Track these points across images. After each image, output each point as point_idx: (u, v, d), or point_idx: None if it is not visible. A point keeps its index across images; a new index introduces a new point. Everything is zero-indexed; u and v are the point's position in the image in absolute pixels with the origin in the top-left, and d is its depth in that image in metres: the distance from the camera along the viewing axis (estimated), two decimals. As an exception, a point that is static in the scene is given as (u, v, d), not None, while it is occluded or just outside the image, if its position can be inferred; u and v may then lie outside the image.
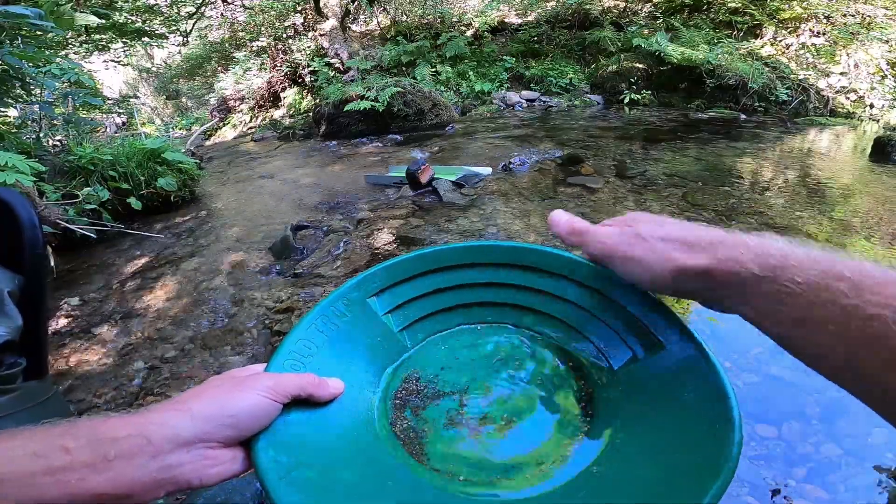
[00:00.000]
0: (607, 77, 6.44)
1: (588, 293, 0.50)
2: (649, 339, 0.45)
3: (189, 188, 3.24)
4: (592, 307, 0.50)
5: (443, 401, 0.47)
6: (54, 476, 0.32)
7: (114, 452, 0.33)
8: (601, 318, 0.49)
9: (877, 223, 2.25)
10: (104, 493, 0.33)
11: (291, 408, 0.41)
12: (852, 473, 0.99)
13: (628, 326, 0.47)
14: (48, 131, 3.00)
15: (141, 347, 1.58)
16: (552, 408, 0.45)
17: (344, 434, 0.43)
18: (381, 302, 0.54)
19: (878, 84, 5.29)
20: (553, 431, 0.43)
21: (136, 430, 0.34)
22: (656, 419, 0.40)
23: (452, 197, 2.69)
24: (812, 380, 1.24)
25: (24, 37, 2.41)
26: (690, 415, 0.38)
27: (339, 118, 5.29)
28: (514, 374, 0.49)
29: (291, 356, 0.46)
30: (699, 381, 0.39)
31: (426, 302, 0.55)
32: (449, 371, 0.50)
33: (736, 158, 3.46)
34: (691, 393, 0.39)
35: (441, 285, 0.55)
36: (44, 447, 0.32)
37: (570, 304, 0.51)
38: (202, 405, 0.37)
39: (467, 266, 0.56)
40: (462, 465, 0.41)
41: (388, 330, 0.53)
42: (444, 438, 0.44)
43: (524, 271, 0.54)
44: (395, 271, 0.55)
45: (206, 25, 9.66)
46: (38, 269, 0.67)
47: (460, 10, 8.22)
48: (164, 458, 0.34)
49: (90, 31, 5.97)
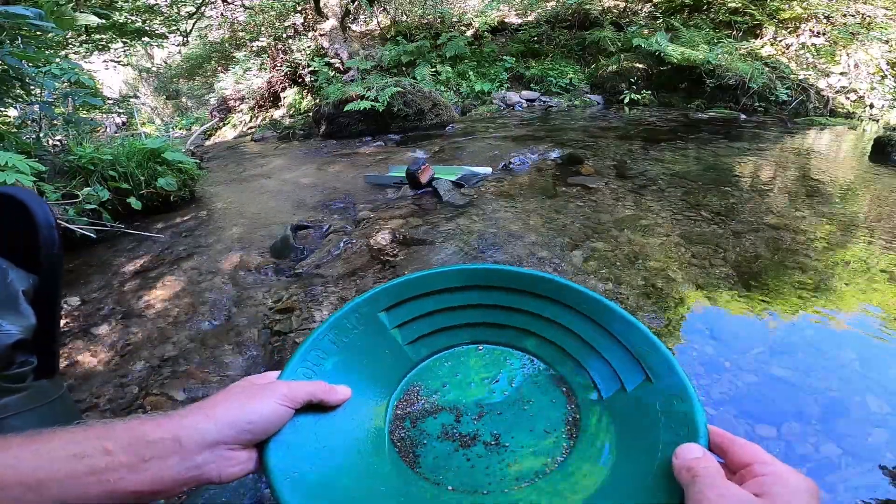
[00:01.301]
0: (607, 77, 6.44)
1: (589, 324, 0.54)
2: (639, 373, 0.48)
3: (189, 188, 3.24)
4: (591, 338, 0.53)
5: (440, 415, 0.51)
6: (97, 476, 0.35)
7: (149, 454, 0.37)
8: (597, 350, 0.52)
9: (877, 223, 2.25)
10: (140, 491, 0.36)
11: (301, 413, 0.45)
12: (852, 473, 0.99)
13: (621, 359, 0.50)
14: (48, 131, 3.00)
15: (141, 347, 1.58)
16: (539, 429, 0.49)
17: (346, 439, 0.46)
18: (390, 317, 0.57)
19: (878, 84, 5.29)
20: (537, 451, 0.46)
21: (169, 434, 0.38)
22: (631, 449, 0.43)
23: (452, 197, 2.69)
24: (812, 380, 1.24)
25: (24, 37, 2.41)
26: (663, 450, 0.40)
27: (339, 118, 5.29)
28: (508, 394, 0.52)
29: (304, 364, 0.50)
30: (678, 419, 0.42)
31: (434, 319, 0.59)
32: (449, 387, 0.54)
33: (736, 158, 3.46)
34: (667, 431, 0.41)
35: (449, 304, 0.59)
36: (85, 449, 0.36)
37: (571, 332, 0.55)
38: (224, 411, 0.41)
39: (475, 288, 0.59)
40: (451, 476, 0.45)
41: (395, 344, 0.56)
42: (436, 450, 0.47)
43: (530, 297, 0.58)
44: (407, 289, 0.59)
45: (206, 25, 9.66)
46: (53, 269, 0.68)
47: (460, 10, 8.22)
48: (193, 459, 0.38)
49: (90, 31, 5.97)
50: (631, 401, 0.47)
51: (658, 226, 2.21)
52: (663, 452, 0.39)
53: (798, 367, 1.29)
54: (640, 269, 1.83)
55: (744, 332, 1.46)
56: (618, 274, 1.79)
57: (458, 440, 0.48)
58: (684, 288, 1.69)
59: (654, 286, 1.70)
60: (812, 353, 1.35)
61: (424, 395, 0.53)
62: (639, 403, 0.46)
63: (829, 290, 1.67)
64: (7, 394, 0.59)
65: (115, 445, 0.36)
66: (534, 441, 0.47)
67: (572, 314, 0.55)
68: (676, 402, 0.43)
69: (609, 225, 2.23)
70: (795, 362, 1.31)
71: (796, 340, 1.41)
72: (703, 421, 0.40)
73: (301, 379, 0.47)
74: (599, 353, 0.52)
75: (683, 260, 1.89)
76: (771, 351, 1.35)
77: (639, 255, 1.92)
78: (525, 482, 0.43)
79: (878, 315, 1.53)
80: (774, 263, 1.86)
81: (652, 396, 0.45)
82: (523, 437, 0.48)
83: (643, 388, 0.47)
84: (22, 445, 0.35)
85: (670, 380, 0.45)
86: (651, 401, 0.45)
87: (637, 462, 0.41)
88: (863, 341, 1.41)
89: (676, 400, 0.43)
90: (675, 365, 0.46)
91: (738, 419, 1.11)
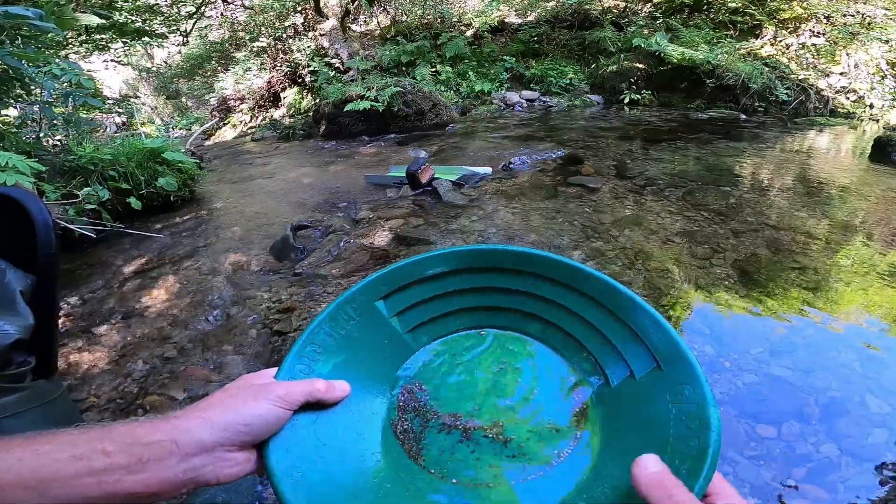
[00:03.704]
0: (607, 77, 6.44)
1: (594, 306, 0.50)
2: (647, 358, 0.45)
3: (189, 188, 3.24)
4: (597, 321, 0.50)
5: (444, 405, 0.49)
6: (96, 477, 0.36)
7: (147, 455, 0.37)
8: (604, 334, 0.49)
9: (876, 223, 2.25)
10: (138, 492, 0.37)
11: (300, 411, 0.44)
12: (852, 473, 0.99)
13: (629, 344, 0.47)
14: (48, 131, 3.00)
15: (141, 347, 1.58)
16: (544, 418, 0.46)
17: (347, 435, 0.45)
18: (388, 305, 0.54)
19: (877, 84, 5.29)
20: (542, 441, 0.44)
21: (166, 436, 0.39)
22: (639, 441, 0.40)
23: (452, 197, 2.69)
24: (812, 380, 1.24)
25: (24, 37, 2.41)
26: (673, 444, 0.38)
27: (339, 118, 5.29)
28: (512, 382, 0.50)
29: (302, 361, 0.48)
30: (689, 412, 0.39)
31: (433, 305, 0.56)
32: (451, 375, 0.51)
33: (736, 158, 3.46)
34: (678, 423, 0.39)
35: (449, 289, 0.56)
36: (84, 451, 0.36)
37: (576, 315, 0.51)
38: (220, 414, 0.41)
39: (475, 270, 0.56)
40: (456, 469, 0.43)
41: (395, 332, 0.54)
42: (439, 441, 0.45)
43: (533, 279, 0.54)
44: (404, 274, 0.55)
45: (207, 25, 9.66)
46: (50, 269, 0.68)
47: (460, 10, 8.22)
48: (190, 461, 0.39)
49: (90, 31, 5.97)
50: (640, 389, 0.44)
51: (658, 226, 2.21)
52: (673, 447, 0.37)
53: (798, 367, 1.29)
54: (640, 268, 1.83)
55: (744, 332, 1.46)
56: (618, 274, 1.79)
57: (462, 431, 0.46)
58: (684, 288, 1.70)
59: (655, 286, 1.70)
60: (812, 353, 1.35)
61: (427, 385, 0.51)
62: (648, 392, 0.43)
63: (828, 290, 1.67)
64: (5, 394, 0.59)
65: (113, 447, 0.37)
66: (541, 432, 0.45)
67: (577, 296, 0.51)
68: (688, 392, 0.40)
69: (609, 225, 2.23)
70: (795, 362, 1.31)
71: (796, 340, 1.41)
72: (715, 414, 0.38)
73: (298, 377, 0.46)
74: (607, 338, 0.49)
75: (683, 260, 1.89)
76: (771, 351, 1.35)
77: (639, 255, 1.92)
78: (531, 475, 0.42)
79: (878, 315, 1.53)
80: (774, 263, 1.86)
81: (662, 385, 0.42)
82: (529, 428, 0.46)
83: (653, 375, 0.44)
84: (23, 446, 0.35)
85: (681, 367, 0.42)
86: (661, 389, 0.42)
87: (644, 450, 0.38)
88: (863, 341, 1.41)
89: (688, 389, 0.40)
90: (687, 351, 0.43)
91: (738, 419, 1.11)
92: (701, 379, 0.40)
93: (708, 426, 0.37)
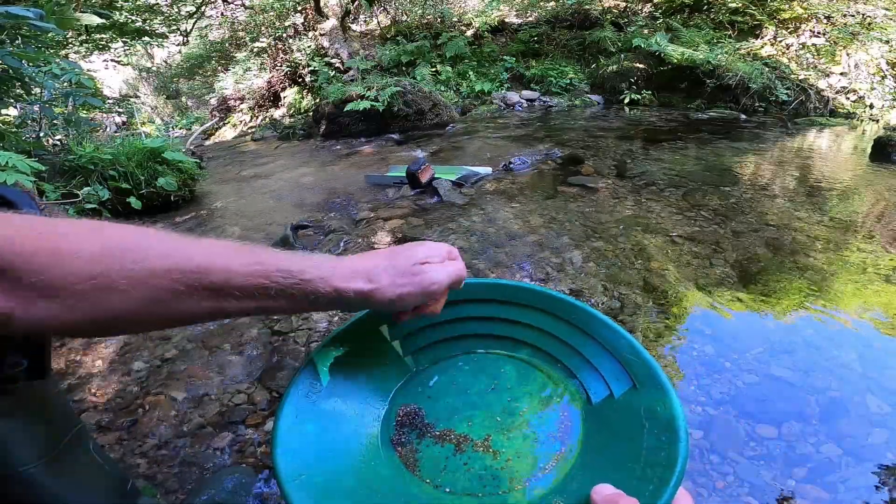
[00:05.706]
0: (607, 77, 6.44)
1: (579, 334, 0.58)
2: (625, 379, 0.51)
3: (189, 188, 3.24)
4: (581, 347, 0.57)
5: (439, 421, 0.54)
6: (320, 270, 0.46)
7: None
8: (587, 358, 0.56)
9: (877, 223, 2.25)
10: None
11: (309, 421, 0.49)
12: (852, 473, 0.99)
13: (610, 367, 0.54)
14: (48, 131, 3.00)
15: (140, 347, 1.58)
16: (533, 434, 0.51)
17: (350, 444, 0.50)
18: (392, 330, 0.61)
19: (878, 84, 5.29)
20: (532, 456, 0.49)
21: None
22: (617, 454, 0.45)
23: (452, 196, 2.69)
24: (812, 380, 1.24)
25: (25, 37, 2.41)
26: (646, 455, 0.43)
27: (340, 118, 5.29)
28: (504, 401, 0.56)
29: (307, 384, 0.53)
30: (661, 425, 0.45)
31: (433, 331, 0.63)
32: (447, 394, 0.57)
33: (736, 158, 3.46)
34: (650, 436, 0.45)
35: (448, 318, 0.62)
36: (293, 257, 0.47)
37: (562, 342, 0.59)
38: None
39: (473, 301, 0.63)
40: (449, 480, 0.48)
41: (396, 355, 0.61)
42: (435, 454, 0.50)
43: (523, 309, 0.62)
44: None
45: (207, 25, 9.65)
46: None
47: (460, 10, 8.22)
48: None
49: (90, 31, 5.97)
50: (618, 407, 0.50)
51: (658, 226, 2.21)
52: (646, 457, 0.42)
53: (798, 367, 1.29)
54: (640, 268, 1.83)
55: (744, 332, 1.46)
56: (618, 274, 1.79)
57: (455, 445, 0.51)
58: (684, 288, 1.70)
59: (655, 286, 1.70)
60: (812, 353, 1.35)
61: (424, 402, 0.56)
62: (626, 409, 0.49)
63: (829, 290, 1.67)
64: None
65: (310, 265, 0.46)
66: (528, 446, 0.50)
67: (563, 325, 0.59)
68: (660, 408, 0.46)
69: (609, 225, 2.23)
70: (795, 362, 1.31)
71: (796, 340, 1.41)
72: (683, 427, 0.43)
73: (302, 396, 0.52)
74: (589, 362, 0.55)
75: (683, 260, 1.89)
76: (771, 351, 1.35)
77: (639, 255, 1.92)
78: (519, 486, 0.46)
79: (878, 315, 1.53)
80: (774, 263, 1.86)
81: (637, 402, 0.48)
82: (518, 442, 0.50)
83: (630, 394, 0.50)
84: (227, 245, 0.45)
85: (654, 387, 0.48)
86: (636, 407, 0.48)
87: (623, 467, 0.43)
88: (863, 341, 1.41)
89: (660, 406, 0.46)
90: (659, 372, 0.49)
91: (738, 419, 1.11)
92: (671, 396, 0.46)
93: (677, 438, 0.42)
